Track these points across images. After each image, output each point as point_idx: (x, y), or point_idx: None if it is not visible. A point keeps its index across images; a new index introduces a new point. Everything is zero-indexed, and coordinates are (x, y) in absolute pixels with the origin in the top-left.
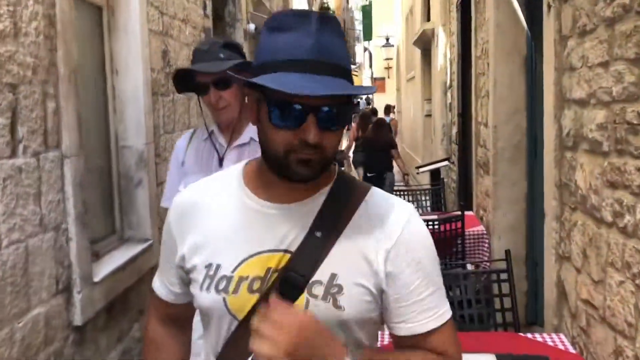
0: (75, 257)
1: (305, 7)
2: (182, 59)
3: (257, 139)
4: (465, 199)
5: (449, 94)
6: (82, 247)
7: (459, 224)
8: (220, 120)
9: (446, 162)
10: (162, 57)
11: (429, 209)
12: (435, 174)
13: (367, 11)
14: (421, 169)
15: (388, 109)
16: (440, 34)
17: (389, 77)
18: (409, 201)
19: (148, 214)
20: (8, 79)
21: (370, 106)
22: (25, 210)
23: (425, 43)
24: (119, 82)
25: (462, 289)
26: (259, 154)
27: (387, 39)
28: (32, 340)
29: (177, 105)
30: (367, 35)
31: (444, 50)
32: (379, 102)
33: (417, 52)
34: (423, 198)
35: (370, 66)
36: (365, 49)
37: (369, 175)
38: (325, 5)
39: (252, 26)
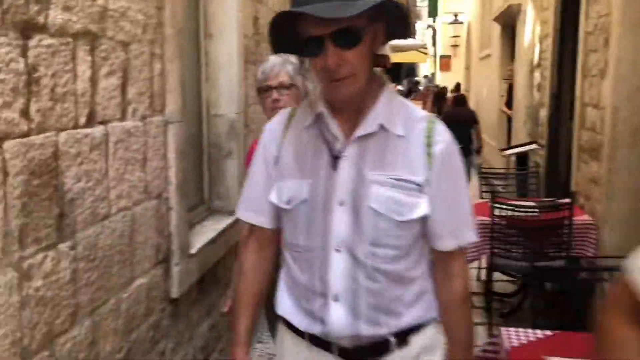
0: (175, 227)
1: None
2: None
3: (389, 125)
4: (562, 186)
5: (537, 74)
6: (182, 217)
7: (566, 213)
8: (336, 96)
9: (535, 145)
10: (253, 23)
11: (515, 194)
12: (520, 158)
13: None
14: (507, 152)
15: (458, 89)
16: (529, 9)
17: (455, 56)
18: (494, 185)
19: (237, 186)
20: (121, 36)
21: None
22: (132, 177)
23: (508, 19)
24: (213, 47)
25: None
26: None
27: (456, 16)
28: (135, 311)
29: None
30: (433, 12)
31: (532, 27)
32: (444, 80)
33: (495, 29)
34: (510, 182)
35: (434, 44)
36: (429, 26)
37: None
38: None
39: None
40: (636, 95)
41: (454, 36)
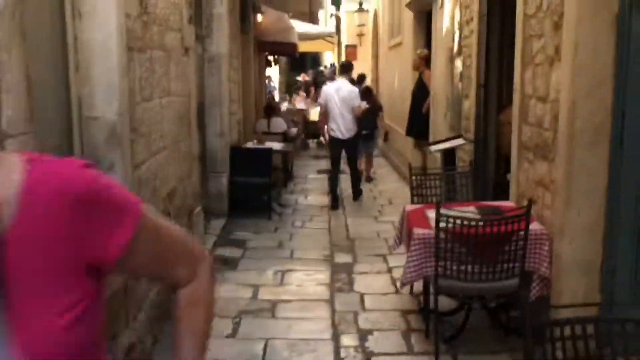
0: None
1: None
2: (163, 5)
3: None
4: (494, 186)
5: (457, 63)
6: None
7: (521, 224)
8: None
9: (461, 140)
10: (139, 1)
11: (441, 198)
12: (447, 155)
13: None
14: (433, 147)
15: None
16: None
17: (361, 45)
18: (425, 187)
19: None
20: None
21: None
22: None
23: (422, 5)
24: (84, 28)
25: None
26: None
27: (361, 4)
28: None
29: (155, 64)
30: (337, 1)
31: (451, 12)
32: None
33: (407, 16)
34: (435, 184)
35: (338, 33)
36: (332, 15)
37: (363, 133)
38: None
39: None
40: (598, 88)
41: (360, 25)
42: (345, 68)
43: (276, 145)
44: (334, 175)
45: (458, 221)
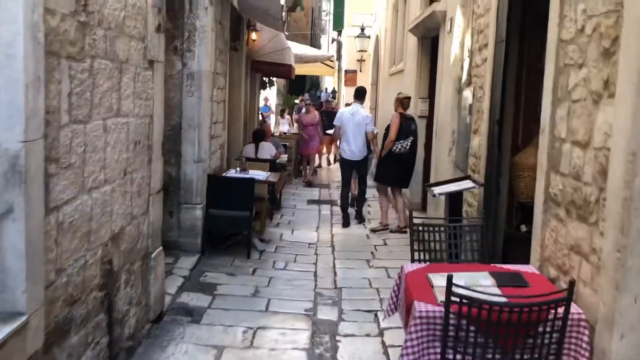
0: None
1: None
2: (115, 5)
3: None
4: (508, 239)
5: (466, 93)
6: None
7: (559, 310)
8: None
9: (470, 183)
10: None
11: (443, 254)
12: (453, 199)
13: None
14: (437, 190)
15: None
16: (458, 16)
17: (360, 71)
18: (428, 241)
19: (23, 271)
20: None
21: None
22: None
23: (427, 30)
24: None
25: None
26: None
27: (362, 29)
28: None
29: (98, 77)
30: (338, 25)
31: (461, 38)
32: (349, 96)
33: (411, 42)
34: (439, 237)
35: (339, 58)
36: (334, 40)
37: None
38: None
39: None
40: None
41: (361, 50)
42: (360, 94)
43: (261, 174)
44: (344, 194)
45: (476, 304)
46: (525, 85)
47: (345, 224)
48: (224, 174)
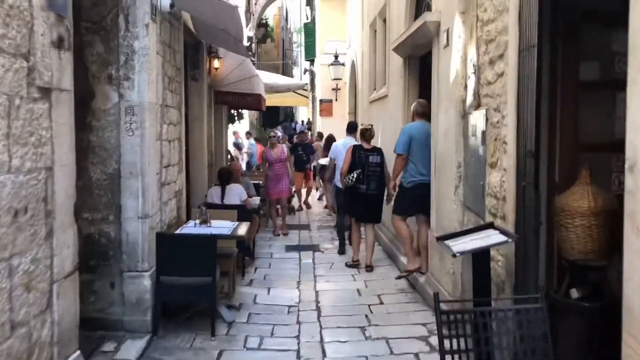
0: None
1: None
2: None
3: None
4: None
5: (474, 118)
6: None
7: None
8: None
9: (500, 236)
10: None
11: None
12: (479, 263)
13: (310, 29)
14: (455, 246)
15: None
16: (457, 26)
17: (337, 100)
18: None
19: None
20: None
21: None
22: None
23: (416, 47)
24: None
25: None
26: None
27: (336, 57)
28: None
29: None
30: (310, 54)
31: (463, 51)
32: (325, 127)
33: (394, 63)
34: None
35: (313, 88)
36: (306, 70)
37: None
38: (264, 21)
39: (166, 0)
40: None
41: (336, 78)
42: (352, 128)
43: (227, 226)
44: (340, 221)
45: None
46: (561, 103)
47: (341, 251)
48: (179, 230)
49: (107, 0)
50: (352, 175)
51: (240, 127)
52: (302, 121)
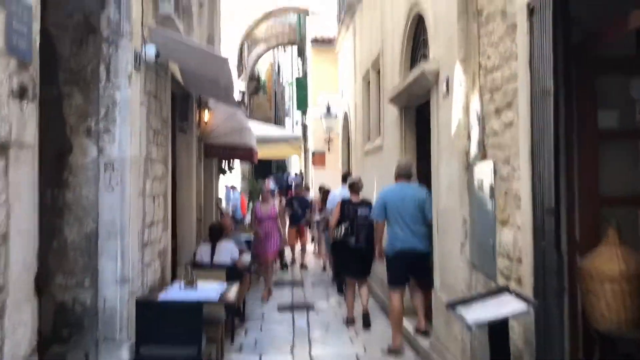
0: None
1: (234, 73)
2: None
3: None
4: None
5: (480, 170)
6: None
7: None
8: None
9: (516, 300)
10: None
11: None
12: (496, 335)
13: (301, 81)
14: (469, 315)
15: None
16: (457, 74)
17: (329, 151)
18: None
19: None
20: None
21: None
22: None
23: (413, 97)
24: None
25: None
26: None
27: (328, 108)
28: None
29: None
30: (302, 105)
31: (465, 100)
32: (317, 179)
33: (390, 114)
34: None
35: (305, 139)
36: (298, 122)
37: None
38: (257, 74)
39: (151, 49)
40: None
41: (328, 130)
42: (346, 178)
43: (216, 289)
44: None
45: None
46: (579, 154)
47: (340, 290)
48: (163, 293)
49: (88, 50)
50: (339, 228)
51: (232, 179)
52: (296, 173)
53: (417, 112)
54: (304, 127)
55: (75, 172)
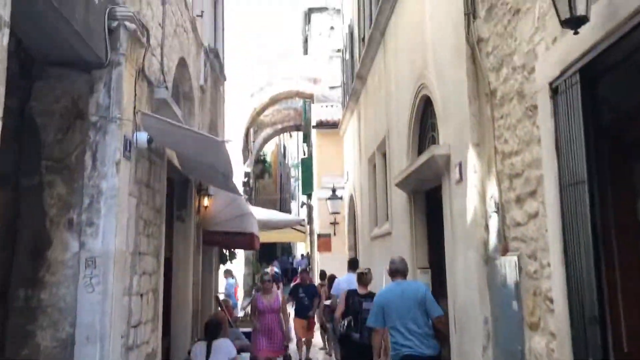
0: None
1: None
2: None
3: None
4: None
5: (501, 265)
6: None
7: None
8: None
9: None
10: None
11: None
12: None
13: (307, 164)
14: None
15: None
16: (471, 159)
17: (335, 234)
18: None
19: None
20: None
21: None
22: None
23: (422, 182)
24: None
25: None
26: None
27: (334, 191)
28: None
29: None
30: (307, 188)
31: (481, 187)
32: (323, 264)
33: (398, 199)
34: None
35: (310, 222)
36: (304, 204)
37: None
38: (262, 157)
39: (143, 135)
40: None
41: (333, 213)
42: (353, 264)
43: None
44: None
45: None
46: (619, 251)
47: None
48: None
49: (75, 136)
50: (343, 322)
51: (235, 266)
52: (302, 255)
53: (427, 197)
54: (309, 209)
55: (53, 269)
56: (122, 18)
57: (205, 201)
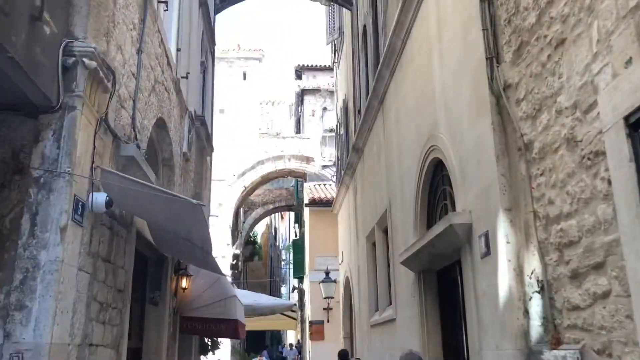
0: None
1: (228, 238)
2: None
3: None
4: None
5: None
6: None
7: None
8: None
9: None
10: None
11: None
12: None
13: (298, 245)
14: None
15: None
16: (501, 228)
17: (328, 321)
18: None
19: None
20: None
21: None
22: None
23: (435, 258)
24: None
25: None
26: None
27: (327, 273)
28: None
29: None
30: (299, 271)
31: (516, 262)
32: (316, 353)
33: (403, 279)
34: None
35: (302, 307)
36: (295, 288)
37: None
38: (252, 239)
39: (101, 197)
40: None
41: (327, 297)
42: (343, 357)
43: None
44: None
45: None
46: None
47: None
48: None
49: (11, 195)
50: None
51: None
52: (291, 344)
53: (440, 276)
54: (301, 293)
55: None
56: (80, 54)
57: (184, 282)
